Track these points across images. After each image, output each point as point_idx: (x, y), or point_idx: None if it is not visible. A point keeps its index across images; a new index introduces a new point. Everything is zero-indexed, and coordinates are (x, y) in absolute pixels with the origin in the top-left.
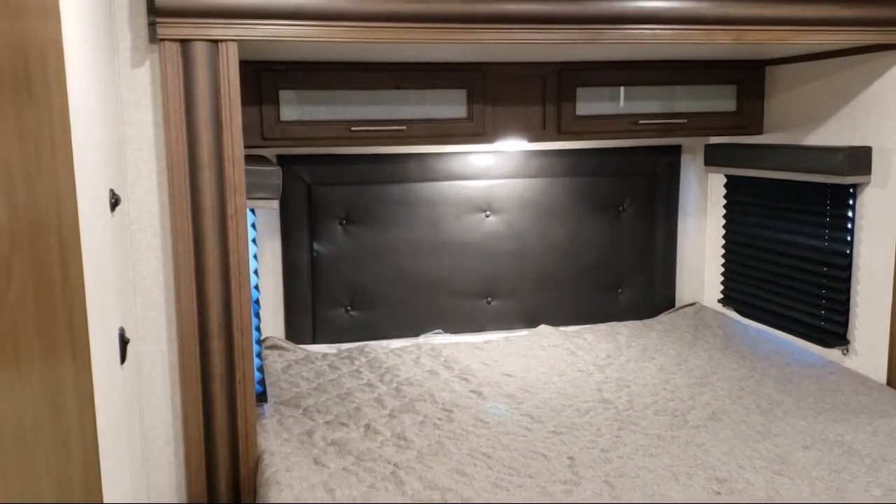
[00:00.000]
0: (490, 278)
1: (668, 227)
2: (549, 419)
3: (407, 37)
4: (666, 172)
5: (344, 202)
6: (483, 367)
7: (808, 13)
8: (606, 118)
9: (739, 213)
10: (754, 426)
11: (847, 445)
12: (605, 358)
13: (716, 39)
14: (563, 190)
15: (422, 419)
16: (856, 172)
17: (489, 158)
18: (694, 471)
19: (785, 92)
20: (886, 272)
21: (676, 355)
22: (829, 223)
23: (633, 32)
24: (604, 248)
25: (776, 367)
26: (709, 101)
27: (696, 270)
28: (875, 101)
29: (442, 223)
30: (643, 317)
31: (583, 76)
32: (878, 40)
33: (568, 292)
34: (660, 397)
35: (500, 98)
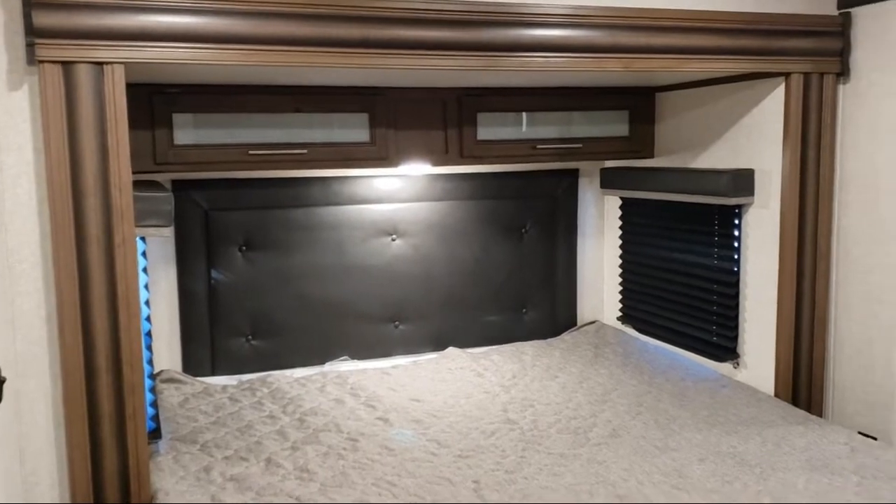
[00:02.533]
0: (397, 302)
1: (569, 248)
2: (455, 443)
3: (304, 61)
4: (565, 195)
5: (244, 228)
6: (390, 393)
7: (692, 42)
8: (506, 143)
9: (634, 234)
10: (653, 441)
11: (739, 456)
12: (510, 378)
13: (606, 67)
14: (467, 213)
15: (326, 450)
16: (740, 194)
17: (394, 182)
18: (595, 489)
19: (674, 117)
20: (770, 288)
21: (579, 373)
22: (718, 242)
23: (527, 60)
24: (508, 269)
25: (672, 383)
26: (603, 127)
27: (596, 289)
28: (755, 125)
29: (347, 247)
30: (547, 336)
31: (483, 102)
32: (756, 69)
33: (475, 314)
34: (563, 416)
35: (403, 122)
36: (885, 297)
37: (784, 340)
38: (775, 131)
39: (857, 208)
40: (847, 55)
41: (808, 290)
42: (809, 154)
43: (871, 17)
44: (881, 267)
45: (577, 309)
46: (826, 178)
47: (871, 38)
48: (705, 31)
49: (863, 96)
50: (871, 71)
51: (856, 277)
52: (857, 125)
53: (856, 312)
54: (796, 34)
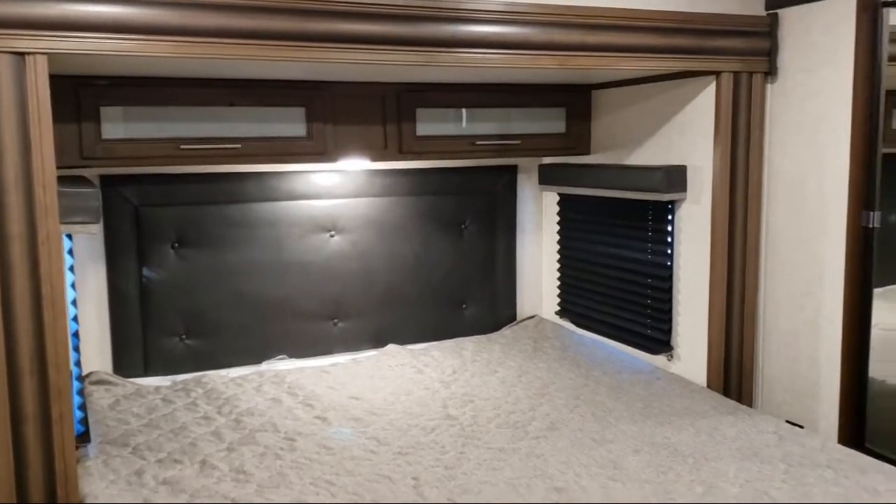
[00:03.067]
0: (336, 299)
1: (508, 243)
2: (394, 440)
3: (238, 53)
4: (504, 191)
5: (176, 224)
6: (329, 392)
7: (626, 41)
8: (445, 139)
9: (572, 230)
10: (589, 434)
11: (673, 447)
12: (450, 374)
13: (542, 64)
14: (407, 209)
15: (262, 450)
16: (673, 190)
17: (333, 177)
18: (534, 482)
19: (609, 114)
20: (702, 282)
21: (518, 368)
22: (652, 237)
23: (464, 56)
24: (448, 265)
25: (609, 376)
26: (541, 124)
27: (535, 284)
28: (688, 123)
29: (284, 244)
30: (487, 331)
31: (422, 97)
32: (688, 67)
33: (415, 310)
34: (502, 410)
35: (341, 117)
36: (811, 291)
37: (715, 333)
38: (706, 129)
39: (783, 204)
40: (775, 55)
41: (738, 284)
42: (739, 151)
43: (796, 19)
44: (807, 262)
45: (517, 304)
46: (755, 174)
47: (796, 39)
48: (639, 30)
49: (789, 95)
50: (797, 71)
51: (783, 272)
52: (783, 123)
53: (783, 306)
54: (726, 34)
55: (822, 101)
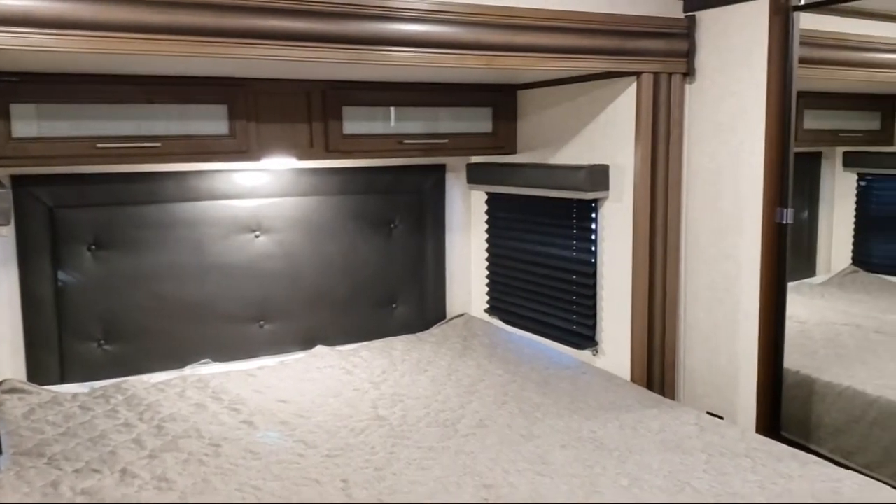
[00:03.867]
0: (261, 301)
1: (437, 242)
2: (323, 443)
3: (155, 49)
4: (433, 190)
5: (93, 226)
6: (255, 395)
7: (550, 41)
8: (373, 137)
9: (500, 228)
10: (518, 430)
11: (599, 441)
12: (380, 374)
13: (468, 64)
14: (334, 208)
15: (186, 457)
16: (596, 188)
17: (257, 177)
18: (463, 480)
19: (535, 114)
20: (625, 278)
21: (447, 366)
22: (576, 235)
23: (390, 54)
24: (377, 264)
25: (536, 372)
26: (468, 123)
27: (464, 283)
28: (610, 122)
29: (207, 245)
30: (417, 330)
31: (348, 95)
32: (610, 68)
33: (343, 310)
34: (432, 409)
35: (265, 115)
36: (730, 286)
37: (638, 328)
38: (628, 128)
39: (702, 202)
40: (693, 56)
41: (659, 279)
42: (659, 150)
43: (712, 21)
44: (725, 257)
45: (446, 302)
46: (675, 173)
47: (712, 41)
48: (563, 31)
49: (706, 95)
50: (714, 72)
51: (702, 267)
52: (701, 123)
53: (703, 300)
54: (647, 35)
55: (738, 101)
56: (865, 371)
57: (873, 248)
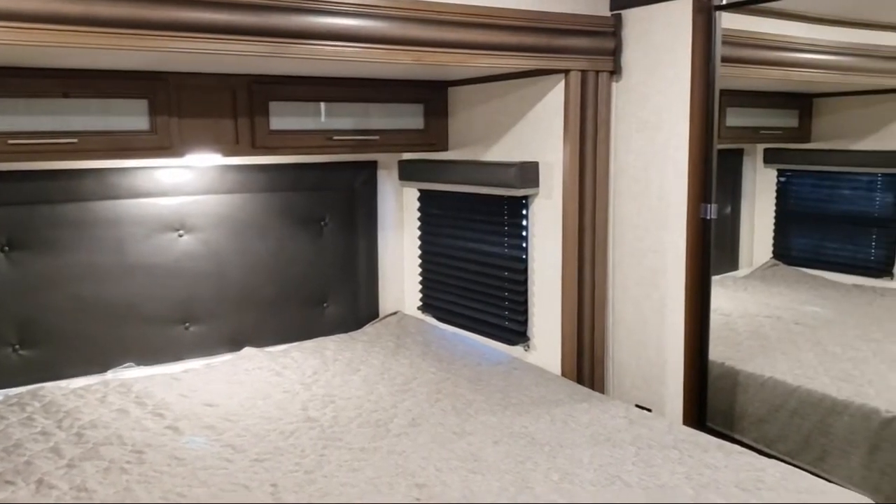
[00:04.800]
0: (187, 302)
1: (369, 240)
2: (251, 447)
3: (70, 41)
4: (364, 187)
5: (6, 225)
6: (181, 400)
7: (479, 38)
8: (301, 133)
9: (432, 225)
10: (450, 427)
11: (530, 436)
12: (311, 375)
13: (398, 59)
14: (262, 206)
15: (107, 465)
16: (526, 185)
17: (180, 174)
18: (395, 480)
19: (466, 111)
20: (555, 273)
21: (380, 365)
22: (508, 231)
23: (317, 48)
24: (307, 263)
25: (469, 368)
26: (399, 119)
27: (397, 280)
28: (539, 120)
29: (128, 245)
30: (349, 329)
31: (275, 90)
32: (538, 65)
33: (272, 311)
34: (364, 409)
35: (188, 110)
36: (656, 280)
37: (568, 322)
38: (557, 126)
39: (629, 198)
40: (619, 54)
41: (588, 274)
42: (587, 147)
43: (638, 20)
44: (652, 252)
45: (379, 300)
46: (602, 169)
47: (638, 40)
48: (491, 28)
49: (633, 93)
50: (640, 70)
51: (630, 262)
52: (628, 120)
53: (631, 294)
54: (574, 33)
55: (663, 98)
56: (786, 361)
57: (792, 242)
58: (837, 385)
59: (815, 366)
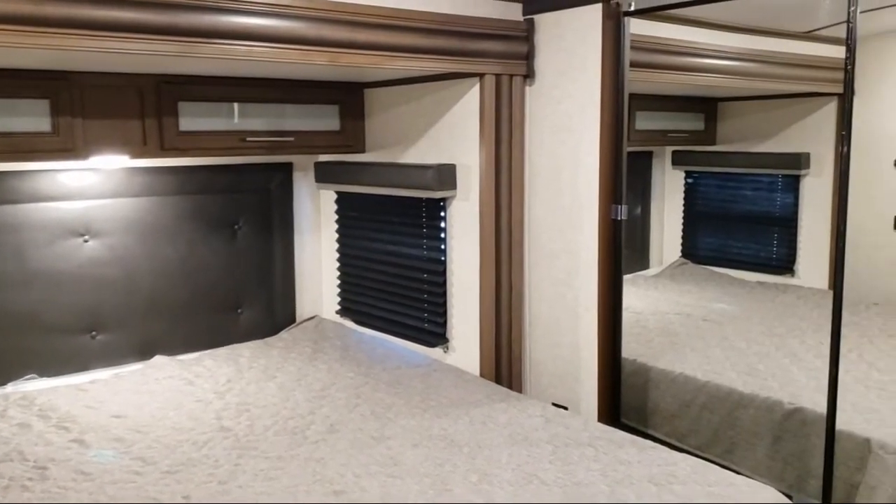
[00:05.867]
0: (93, 309)
1: (285, 243)
2: (162, 459)
3: None
4: (279, 189)
5: None
6: (87, 412)
7: (394, 40)
8: (212, 134)
9: (350, 227)
10: (369, 432)
11: (449, 438)
12: (225, 383)
13: (312, 60)
14: (172, 209)
15: (6, 483)
16: (444, 187)
17: (85, 177)
18: (313, 487)
19: (382, 113)
20: (473, 275)
21: (297, 371)
22: (426, 233)
23: (228, 48)
24: (220, 268)
25: (388, 372)
26: (315, 121)
27: (314, 284)
28: (455, 123)
29: (28, 251)
30: (265, 335)
31: (184, 90)
32: (453, 68)
33: (184, 318)
34: (280, 417)
35: (93, 110)
36: (570, 280)
37: (486, 323)
38: (472, 128)
39: (544, 199)
40: (532, 59)
41: (505, 275)
42: (503, 150)
43: (550, 24)
44: (565, 252)
45: (296, 305)
46: (518, 172)
47: (550, 44)
48: (406, 30)
49: (545, 97)
50: (552, 74)
51: (545, 262)
52: (541, 123)
53: (546, 294)
54: (488, 37)
55: (575, 102)
56: (695, 357)
57: (700, 241)
58: (743, 379)
59: (723, 361)
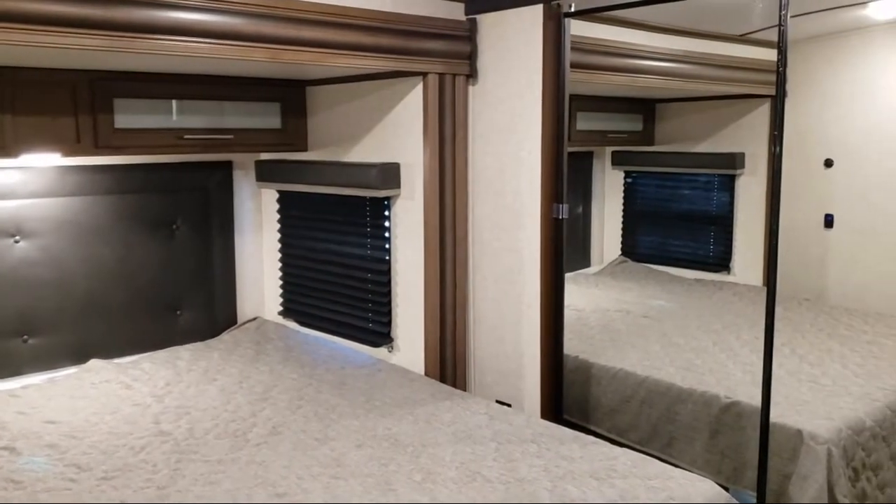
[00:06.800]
0: (25, 313)
1: (226, 243)
2: (98, 465)
3: None
4: (219, 188)
5: None
6: (19, 418)
7: (336, 38)
8: (150, 132)
9: (293, 227)
10: (313, 434)
11: (394, 438)
12: (164, 386)
13: (252, 56)
14: (107, 209)
15: None
16: (388, 186)
17: (14, 175)
18: (254, 491)
19: (325, 111)
20: (418, 273)
21: (238, 373)
22: (370, 233)
23: (164, 43)
24: (158, 269)
25: (332, 373)
26: (255, 118)
27: (256, 285)
28: (399, 121)
29: None
30: (205, 337)
31: (120, 87)
32: (396, 67)
33: (121, 320)
34: (221, 420)
35: (22, 107)
36: (513, 278)
37: (431, 322)
38: (416, 127)
39: (487, 198)
40: (475, 59)
41: (449, 273)
42: (446, 149)
43: (492, 24)
44: (509, 251)
45: (237, 306)
46: (461, 171)
47: (492, 44)
48: (349, 28)
49: (488, 97)
50: (494, 74)
51: (489, 261)
52: (484, 123)
53: (490, 291)
54: (430, 36)
55: (517, 102)
56: (635, 353)
57: (639, 240)
58: (682, 374)
59: (662, 357)
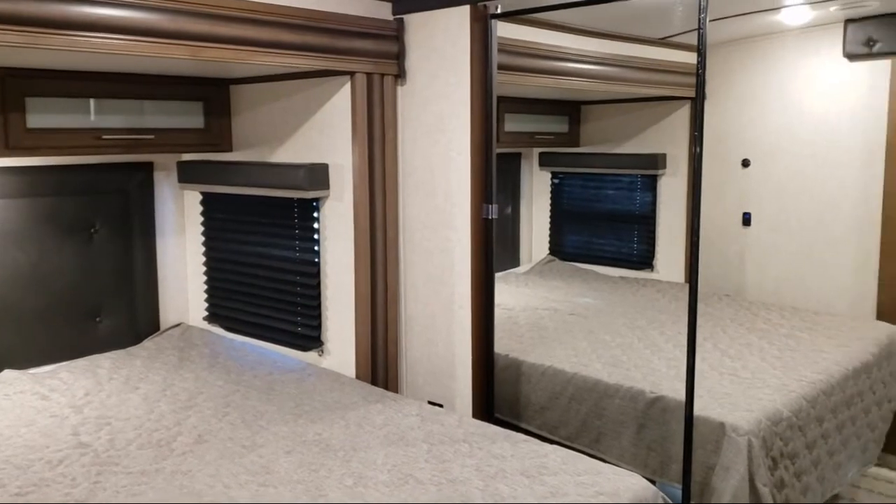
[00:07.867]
0: None
1: (147, 247)
2: (12, 480)
3: None
4: (139, 190)
5: None
6: None
7: (259, 35)
8: (65, 132)
9: (218, 230)
10: (240, 441)
11: (324, 443)
12: (83, 396)
13: (171, 54)
14: (20, 212)
15: None
16: (316, 187)
17: None
18: (180, 501)
19: (250, 111)
20: (348, 275)
21: (162, 381)
22: (299, 235)
23: (78, 39)
24: (75, 274)
25: (260, 378)
26: (177, 118)
27: (180, 290)
28: (327, 121)
29: None
30: (126, 345)
31: (32, 85)
32: (323, 66)
33: (37, 328)
34: (144, 429)
35: None
36: (444, 278)
37: (362, 324)
38: (345, 127)
39: (417, 199)
40: (403, 59)
41: (380, 274)
42: (376, 149)
43: (419, 25)
44: (440, 251)
45: (160, 312)
46: (391, 171)
47: (420, 44)
48: (272, 25)
49: (416, 97)
50: (423, 74)
51: (419, 261)
52: (413, 123)
53: (421, 292)
54: (357, 35)
55: (445, 103)
56: (563, 351)
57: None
58: (609, 370)
59: (589, 353)
